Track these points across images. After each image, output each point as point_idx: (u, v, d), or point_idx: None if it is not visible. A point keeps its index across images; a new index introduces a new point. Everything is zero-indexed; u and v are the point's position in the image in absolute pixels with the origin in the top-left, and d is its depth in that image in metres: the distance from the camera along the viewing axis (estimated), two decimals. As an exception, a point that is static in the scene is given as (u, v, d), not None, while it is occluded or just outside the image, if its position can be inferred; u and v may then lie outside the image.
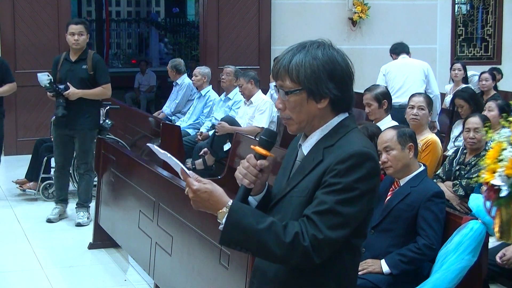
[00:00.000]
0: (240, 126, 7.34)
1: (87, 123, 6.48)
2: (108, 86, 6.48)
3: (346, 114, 2.19)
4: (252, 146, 2.21)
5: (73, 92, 6.29)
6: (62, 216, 6.69)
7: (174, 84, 9.28)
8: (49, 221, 6.55)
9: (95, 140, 6.38)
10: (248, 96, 7.55)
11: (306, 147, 2.21)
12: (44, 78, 6.24)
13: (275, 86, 2.24)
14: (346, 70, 2.15)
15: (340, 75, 2.13)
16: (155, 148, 2.23)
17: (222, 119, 7.50)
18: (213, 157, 7.39)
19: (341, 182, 2.05)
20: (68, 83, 6.29)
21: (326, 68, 2.11)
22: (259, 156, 2.19)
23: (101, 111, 6.83)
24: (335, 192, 2.05)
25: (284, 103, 2.17)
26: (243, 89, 7.54)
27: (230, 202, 2.08)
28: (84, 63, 6.40)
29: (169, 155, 2.16)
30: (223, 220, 2.06)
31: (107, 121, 7.04)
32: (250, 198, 2.24)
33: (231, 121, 7.39)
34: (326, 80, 2.11)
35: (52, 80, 6.31)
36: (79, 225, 6.44)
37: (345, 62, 2.16)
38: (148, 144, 2.32)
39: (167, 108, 9.27)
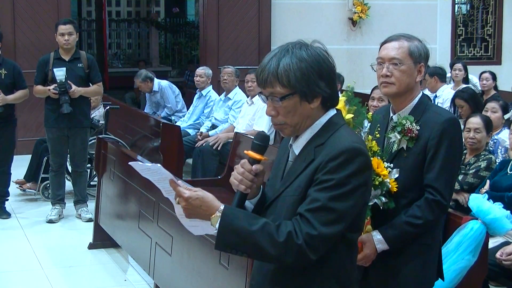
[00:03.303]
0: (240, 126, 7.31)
1: (86, 121, 6.68)
2: (101, 84, 6.76)
3: (334, 111, 2.21)
4: (245, 151, 2.20)
5: (77, 90, 6.42)
6: (60, 216, 6.71)
7: (152, 93, 9.41)
8: (50, 221, 6.57)
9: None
10: (253, 94, 7.43)
11: (297, 147, 2.21)
12: (61, 73, 6.36)
13: (259, 93, 2.21)
14: (330, 66, 2.16)
15: (328, 72, 2.14)
16: (138, 165, 2.18)
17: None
18: None
19: (333, 179, 2.06)
20: (69, 82, 6.38)
21: (315, 68, 2.12)
22: (253, 161, 2.18)
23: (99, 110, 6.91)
24: (327, 188, 2.06)
25: (277, 109, 2.15)
26: (254, 86, 7.28)
27: (222, 206, 2.08)
28: (79, 62, 6.55)
29: (158, 165, 2.14)
30: (217, 225, 2.05)
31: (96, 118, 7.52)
32: (247, 203, 2.24)
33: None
34: (316, 79, 2.12)
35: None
36: (90, 220, 6.42)
37: (328, 58, 2.16)
38: (130, 163, 2.24)
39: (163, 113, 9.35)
